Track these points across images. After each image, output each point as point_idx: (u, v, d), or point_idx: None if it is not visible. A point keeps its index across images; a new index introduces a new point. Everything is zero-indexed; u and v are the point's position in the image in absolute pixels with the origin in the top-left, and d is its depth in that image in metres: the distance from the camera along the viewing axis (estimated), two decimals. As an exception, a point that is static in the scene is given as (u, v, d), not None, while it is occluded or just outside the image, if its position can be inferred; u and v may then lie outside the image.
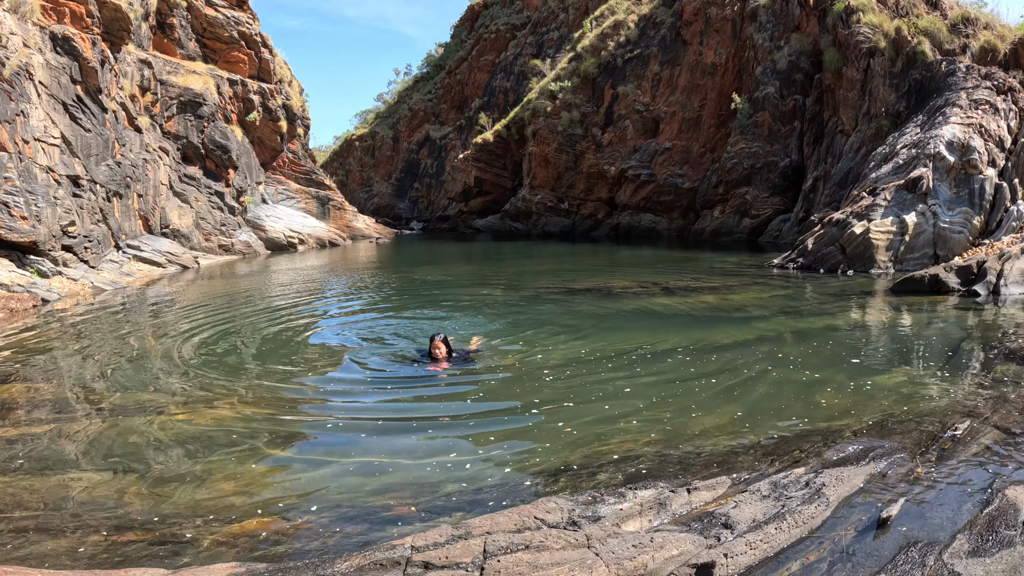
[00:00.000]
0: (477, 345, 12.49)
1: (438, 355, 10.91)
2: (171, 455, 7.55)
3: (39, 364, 12.02)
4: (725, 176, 43.49)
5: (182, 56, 38.45)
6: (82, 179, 24.51)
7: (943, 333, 13.40)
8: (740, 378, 10.14)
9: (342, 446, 7.75)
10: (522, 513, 5.15)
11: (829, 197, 33.28)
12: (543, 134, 52.96)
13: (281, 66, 46.26)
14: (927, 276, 18.43)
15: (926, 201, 23.92)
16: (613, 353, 11.92)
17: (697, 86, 47.62)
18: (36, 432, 8.34)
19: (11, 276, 19.38)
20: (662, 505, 5.42)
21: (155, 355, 12.63)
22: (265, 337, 14.22)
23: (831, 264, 23.82)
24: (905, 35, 33.23)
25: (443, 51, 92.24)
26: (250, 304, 18.92)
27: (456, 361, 11.06)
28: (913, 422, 7.90)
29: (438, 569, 4.33)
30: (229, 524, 5.89)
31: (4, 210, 20.08)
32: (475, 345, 12.47)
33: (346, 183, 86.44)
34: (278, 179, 46.59)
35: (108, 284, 22.80)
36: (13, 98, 21.17)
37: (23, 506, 6.29)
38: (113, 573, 4.68)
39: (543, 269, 28.65)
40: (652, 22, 50.52)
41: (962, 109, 26.69)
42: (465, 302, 18.91)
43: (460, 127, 76.67)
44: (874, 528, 5.26)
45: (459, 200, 65.60)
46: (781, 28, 42.97)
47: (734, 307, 16.78)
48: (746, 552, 4.78)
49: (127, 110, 29.79)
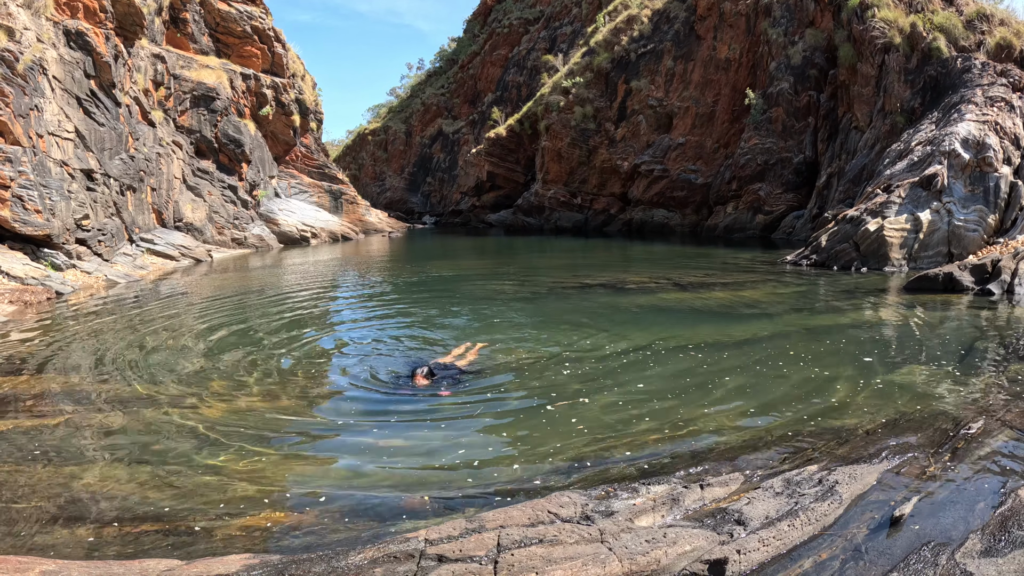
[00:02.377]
0: (475, 356, 11.61)
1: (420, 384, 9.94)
2: (184, 447, 7.59)
3: (53, 356, 12.09)
4: (738, 172, 43.31)
5: (195, 50, 38.55)
6: (96, 173, 24.62)
7: (957, 332, 13.33)
8: (753, 374, 10.12)
9: (354, 440, 7.78)
10: (535, 507, 5.16)
11: (843, 194, 33.12)
12: (556, 129, 52.88)
13: (294, 60, 46.29)
14: (941, 274, 18.33)
15: (941, 199, 23.79)
16: (626, 348, 11.91)
17: (711, 81, 47.45)
18: (50, 423, 8.40)
19: (25, 269, 19.50)
20: (675, 501, 5.42)
21: (168, 348, 12.69)
22: (278, 331, 14.26)
23: (844, 261, 23.72)
24: (920, 31, 33.01)
25: (456, 46, 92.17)
26: (263, 298, 18.97)
27: (440, 381, 10.03)
28: (926, 420, 7.88)
29: (452, 562, 4.35)
30: (242, 516, 5.92)
31: (18, 203, 20.19)
32: (472, 357, 11.56)
33: (359, 177, 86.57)
34: (291, 173, 46.67)
35: (122, 277, 22.90)
36: (27, 92, 21.27)
37: (38, 496, 6.34)
38: (127, 563, 4.71)
39: (556, 264, 28.62)
40: (666, 17, 50.36)
41: (977, 106, 26.51)
42: (479, 295, 18.90)
43: (473, 122, 76.62)
44: (887, 526, 5.25)
45: (471, 195, 65.56)
46: (795, 23, 42.77)
47: (747, 303, 16.74)
48: (759, 549, 4.78)
49: (140, 104, 29.89)
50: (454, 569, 4.25)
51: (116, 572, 4.44)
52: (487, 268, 27.55)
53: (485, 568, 4.27)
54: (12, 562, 4.49)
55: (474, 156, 63.64)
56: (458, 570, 4.24)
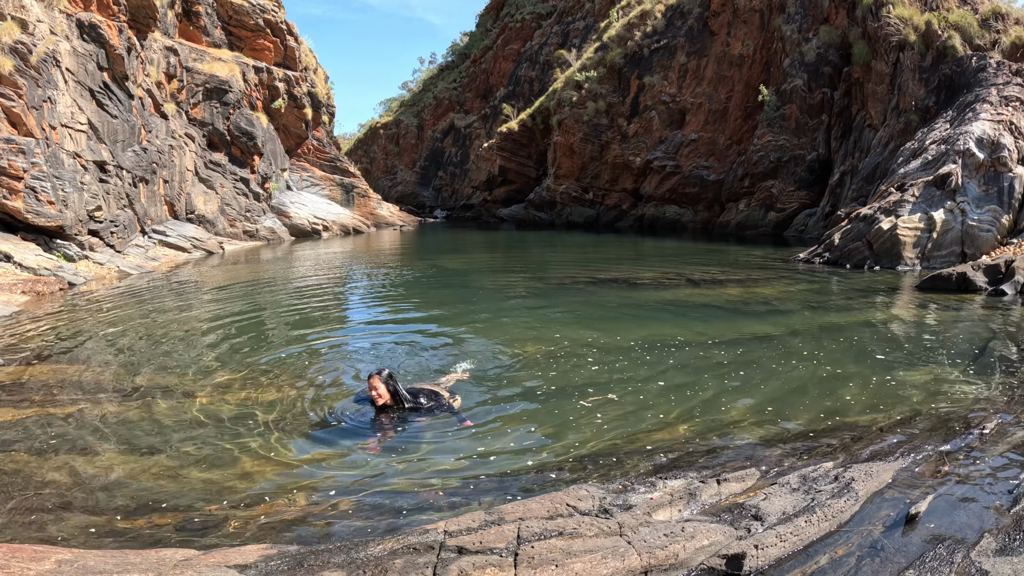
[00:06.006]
0: (452, 383, 9.58)
1: (377, 399, 8.11)
2: (198, 437, 7.62)
3: (65, 346, 12.15)
4: (751, 169, 43.17)
5: (208, 43, 38.63)
6: (108, 165, 24.72)
7: (970, 332, 13.29)
8: (767, 371, 10.12)
9: (369, 431, 7.81)
10: (554, 500, 5.17)
11: (856, 192, 32.99)
12: (568, 124, 52.81)
13: (306, 54, 46.35)
14: (954, 274, 18.27)
15: (954, 198, 23.69)
16: (639, 343, 11.92)
17: (724, 77, 47.30)
18: (63, 413, 8.44)
19: (38, 260, 19.60)
20: (692, 495, 5.43)
21: (180, 339, 12.75)
22: (291, 323, 14.32)
23: (857, 259, 23.65)
24: (935, 29, 32.86)
25: (468, 40, 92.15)
26: (275, 290, 19.04)
27: (403, 410, 8.20)
28: (940, 419, 7.87)
29: (472, 554, 4.36)
30: (258, 506, 5.95)
31: (31, 195, 20.29)
32: (449, 383, 9.54)
33: (370, 171, 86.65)
34: (303, 166, 46.76)
35: (134, 268, 23.00)
36: (40, 84, 21.36)
37: (52, 485, 6.38)
38: (143, 553, 4.72)
39: (567, 259, 28.62)
40: (679, 12, 50.18)
41: (992, 105, 26.38)
42: (490, 289, 18.93)
43: (485, 116, 76.54)
44: (902, 524, 5.25)
45: (483, 189, 65.54)
46: (810, 20, 42.60)
47: (760, 300, 16.72)
48: (776, 544, 4.79)
49: (153, 97, 29.99)
50: (474, 561, 4.26)
51: (132, 561, 4.46)
52: (498, 262, 27.57)
53: (505, 560, 4.28)
54: (28, 551, 4.51)
55: (486, 150, 63.62)
56: (478, 562, 4.25)
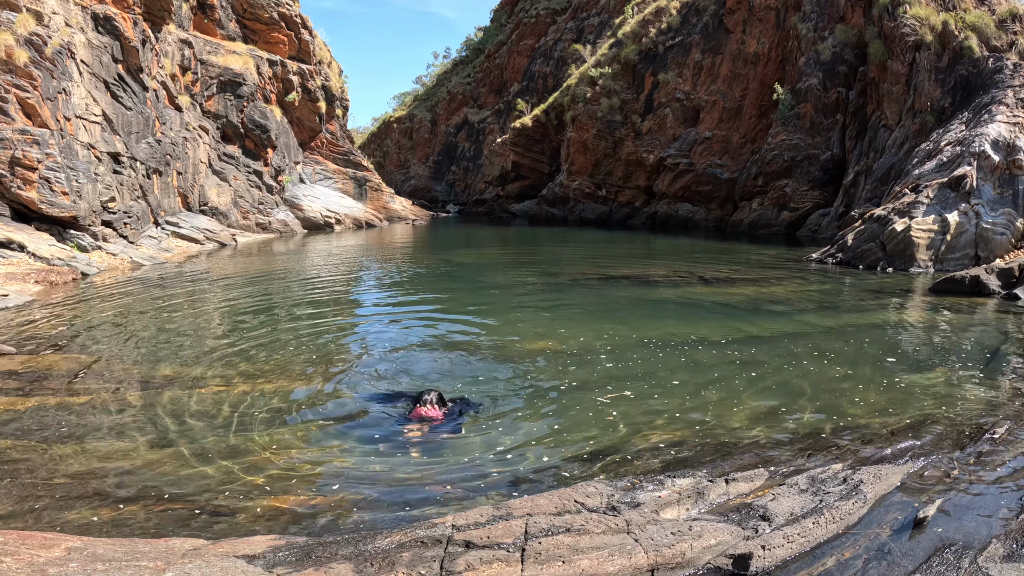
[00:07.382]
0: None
1: (433, 421, 7.94)
2: (208, 428, 7.67)
3: (78, 335, 12.23)
4: (765, 168, 42.99)
5: (222, 36, 38.71)
6: (122, 156, 24.83)
7: (982, 335, 13.23)
8: (777, 371, 10.11)
9: (378, 425, 7.83)
10: (562, 496, 5.18)
11: (870, 192, 32.82)
12: (582, 120, 52.69)
13: (320, 47, 46.37)
14: (967, 277, 18.18)
15: (969, 200, 23.56)
16: (650, 341, 11.91)
17: (739, 75, 47.10)
18: (75, 402, 8.50)
19: (51, 250, 19.71)
20: (700, 494, 5.43)
21: (192, 329, 12.81)
22: (302, 315, 14.36)
23: (870, 261, 23.55)
24: (952, 29, 32.63)
25: (482, 35, 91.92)
26: (287, 282, 19.09)
27: (451, 418, 8.11)
28: (951, 423, 7.84)
29: (479, 548, 4.38)
30: (266, 497, 5.99)
31: (45, 185, 20.40)
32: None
33: (383, 165, 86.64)
34: (316, 159, 46.80)
35: (147, 259, 23.11)
36: (55, 76, 21.47)
37: (62, 473, 6.43)
38: (152, 542, 4.75)
39: (580, 255, 28.58)
40: (694, 9, 49.97)
41: (1008, 108, 26.21)
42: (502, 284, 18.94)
43: (498, 111, 76.42)
44: (910, 528, 5.24)
45: (496, 184, 65.48)
46: (826, 18, 42.37)
47: (773, 300, 16.68)
48: (783, 545, 4.79)
49: (168, 89, 30.10)
50: (481, 555, 4.28)
51: (141, 550, 4.48)
52: (511, 258, 27.59)
53: (512, 555, 4.30)
54: (38, 538, 4.54)
55: (499, 146, 63.55)
56: (485, 556, 4.27)
